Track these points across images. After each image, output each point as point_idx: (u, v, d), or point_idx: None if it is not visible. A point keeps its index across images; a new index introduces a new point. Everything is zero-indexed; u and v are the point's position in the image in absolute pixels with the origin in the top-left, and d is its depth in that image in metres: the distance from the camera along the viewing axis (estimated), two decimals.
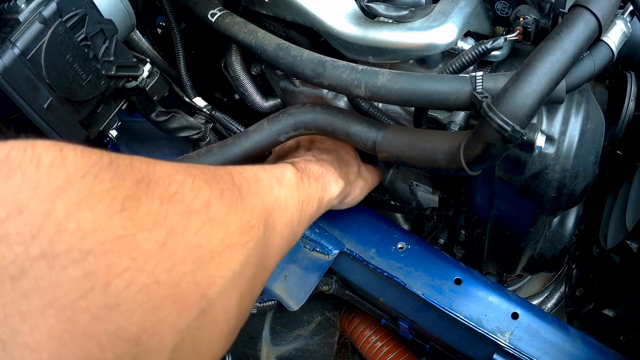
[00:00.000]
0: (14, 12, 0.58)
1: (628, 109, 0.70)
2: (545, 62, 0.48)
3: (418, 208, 0.94)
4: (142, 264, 0.31)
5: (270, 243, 0.51)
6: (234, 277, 0.40)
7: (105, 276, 0.29)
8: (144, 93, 0.74)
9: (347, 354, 1.28)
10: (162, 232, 0.34)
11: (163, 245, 0.33)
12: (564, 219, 0.82)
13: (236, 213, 0.44)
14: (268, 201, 0.53)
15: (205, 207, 0.40)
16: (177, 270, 0.34)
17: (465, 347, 0.77)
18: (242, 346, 1.08)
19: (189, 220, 0.37)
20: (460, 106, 0.53)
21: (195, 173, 0.42)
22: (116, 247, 0.30)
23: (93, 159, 0.33)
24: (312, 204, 0.63)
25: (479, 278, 0.79)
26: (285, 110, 0.69)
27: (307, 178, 0.64)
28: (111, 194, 0.32)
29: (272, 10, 0.73)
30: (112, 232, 0.30)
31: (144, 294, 0.31)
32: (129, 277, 0.30)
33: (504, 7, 0.60)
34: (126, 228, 0.31)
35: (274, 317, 1.09)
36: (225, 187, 0.45)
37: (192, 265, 0.35)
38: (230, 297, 0.40)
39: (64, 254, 0.28)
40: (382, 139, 0.61)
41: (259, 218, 0.48)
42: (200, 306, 0.36)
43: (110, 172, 0.33)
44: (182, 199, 0.38)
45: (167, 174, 0.38)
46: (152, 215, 0.34)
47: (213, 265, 0.38)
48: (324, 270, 0.82)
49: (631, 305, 0.76)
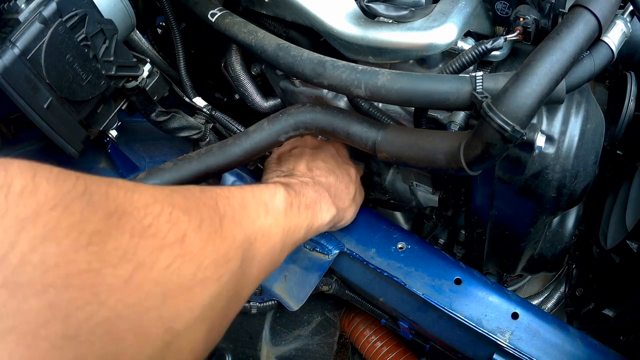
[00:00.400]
0: (14, 12, 0.58)
1: (628, 109, 0.70)
2: (545, 62, 0.48)
3: (417, 207, 0.94)
4: (104, 299, 0.32)
5: (248, 273, 0.51)
6: (204, 311, 0.41)
7: (66, 308, 0.30)
8: (144, 93, 0.74)
9: (347, 354, 1.28)
10: (129, 267, 0.34)
11: (128, 280, 0.34)
12: (564, 219, 0.82)
13: (213, 245, 0.44)
14: (251, 230, 0.52)
15: (180, 241, 0.40)
16: (141, 305, 0.34)
17: (465, 347, 0.77)
18: (242, 346, 1.08)
19: (159, 255, 0.37)
20: (460, 106, 0.53)
21: (176, 202, 0.42)
22: (78, 282, 0.31)
23: (66, 187, 0.33)
24: (299, 232, 0.63)
25: (479, 278, 0.79)
26: (285, 110, 0.69)
27: (297, 205, 0.63)
28: (79, 228, 0.32)
29: (272, 10, 0.73)
30: (76, 267, 0.31)
31: (104, 327, 0.31)
32: (90, 310, 0.31)
33: (504, 7, 0.60)
34: (90, 263, 0.32)
35: (274, 317, 1.09)
36: (206, 217, 0.45)
37: (158, 300, 0.36)
38: (197, 330, 0.40)
39: (26, 285, 0.28)
40: (382, 139, 0.61)
41: (237, 249, 0.48)
42: (165, 339, 0.36)
43: (82, 203, 0.33)
44: (155, 232, 0.38)
45: (144, 204, 0.38)
46: (120, 250, 0.34)
47: (181, 300, 0.38)
48: (324, 270, 0.82)
49: (631, 305, 0.76)
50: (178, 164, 0.64)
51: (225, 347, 1.06)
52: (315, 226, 0.68)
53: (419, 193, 0.90)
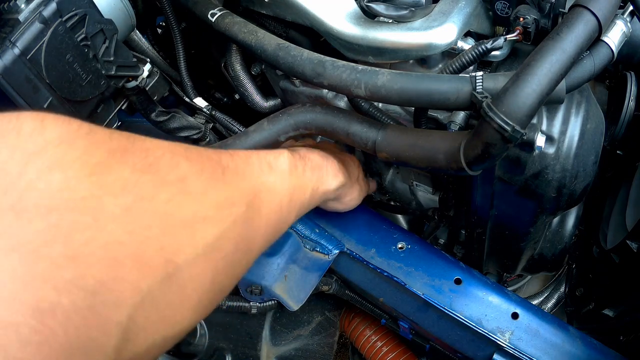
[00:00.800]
0: (14, 12, 0.58)
1: (628, 108, 0.70)
2: (545, 62, 0.48)
3: (419, 209, 0.94)
4: (104, 224, 0.33)
5: (256, 225, 0.51)
6: (207, 250, 0.41)
7: (67, 230, 0.31)
8: (144, 93, 0.74)
9: (347, 354, 1.28)
10: (129, 198, 0.35)
11: (128, 209, 0.35)
12: (564, 219, 0.82)
13: (214, 189, 0.45)
14: (255, 183, 0.53)
15: (180, 180, 0.41)
16: (141, 233, 0.35)
17: (465, 347, 0.77)
18: (242, 346, 1.08)
19: (160, 189, 0.38)
20: (460, 106, 0.53)
21: (177, 150, 0.43)
22: (80, 207, 0.32)
23: (72, 127, 0.35)
24: (304, 192, 0.63)
25: (479, 278, 0.79)
26: (285, 110, 0.69)
27: (302, 165, 0.63)
28: (83, 160, 0.34)
29: (272, 10, 0.73)
30: (78, 193, 0.33)
31: (104, 250, 0.33)
32: (90, 234, 0.32)
33: (504, 7, 0.60)
34: (92, 191, 0.33)
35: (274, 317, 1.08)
36: (207, 165, 0.46)
37: (158, 231, 0.37)
38: (201, 268, 0.41)
39: (32, 208, 0.31)
40: (382, 138, 0.61)
41: (241, 197, 0.49)
42: (166, 270, 0.37)
43: (86, 141, 0.35)
44: (156, 170, 0.39)
45: (146, 147, 0.40)
46: (121, 181, 0.36)
47: (183, 234, 0.39)
48: (324, 270, 0.82)
49: (631, 305, 0.76)
50: None
51: (225, 347, 1.06)
52: (321, 190, 0.67)
53: (419, 193, 0.90)
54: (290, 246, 0.84)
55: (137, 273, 0.35)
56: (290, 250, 0.84)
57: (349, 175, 0.75)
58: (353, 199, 0.78)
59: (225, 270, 0.45)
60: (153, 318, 0.36)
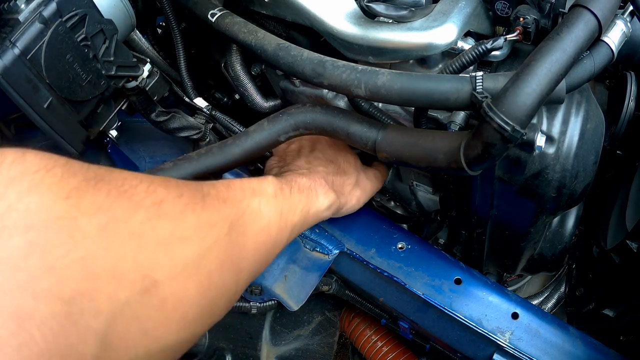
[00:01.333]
0: (14, 12, 0.58)
1: (628, 108, 0.70)
2: (545, 62, 0.48)
3: (423, 215, 0.94)
4: (80, 241, 0.35)
5: (241, 245, 0.52)
6: (188, 267, 0.42)
7: (44, 246, 0.33)
8: (144, 93, 0.74)
9: (347, 354, 1.28)
10: (103, 218, 0.37)
11: (103, 228, 0.37)
12: (564, 219, 0.82)
13: (193, 212, 0.46)
14: (237, 207, 0.53)
15: (156, 204, 0.42)
16: (116, 250, 0.37)
17: (465, 347, 0.77)
18: (242, 346, 1.08)
19: (134, 212, 0.40)
20: (460, 106, 0.53)
21: (155, 180, 0.44)
22: (56, 225, 0.34)
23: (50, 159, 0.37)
24: (294, 214, 0.64)
25: (479, 278, 0.79)
26: (285, 110, 0.69)
27: (288, 189, 0.64)
28: (60, 184, 0.36)
29: (272, 10, 0.73)
30: (55, 214, 0.35)
31: (79, 264, 0.34)
32: (65, 249, 0.34)
33: (504, 7, 0.60)
34: (68, 212, 0.35)
35: (274, 317, 1.08)
36: (186, 191, 0.47)
37: (134, 249, 0.38)
38: (183, 285, 0.42)
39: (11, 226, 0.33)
40: (382, 138, 0.61)
41: (223, 219, 0.50)
42: (143, 284, 0.38)
43: (64, 169, 0.37)
44: (131, 195, 0.40)
45: (123, 177, 0.41)
46: (96, 204, 0.37)
47: (160, 253, 0.40)
48: (324, 270, 0.82)
49: (631, 305, 0.76)
50: (178, 164, 0.64)
51: (225, 347, 1.06)
52: (312, 211, 0.67)
53: (419, 193, 0.90)
54: (290, 246, 0.84)
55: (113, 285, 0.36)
56: (290, 250, 0.84)
57: (344, 187, 0.75)
58: (352, 206, 0.78)
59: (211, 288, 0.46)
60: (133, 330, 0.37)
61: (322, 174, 0.73)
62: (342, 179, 0.76)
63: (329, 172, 0.74)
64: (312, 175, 0.71)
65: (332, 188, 0.72)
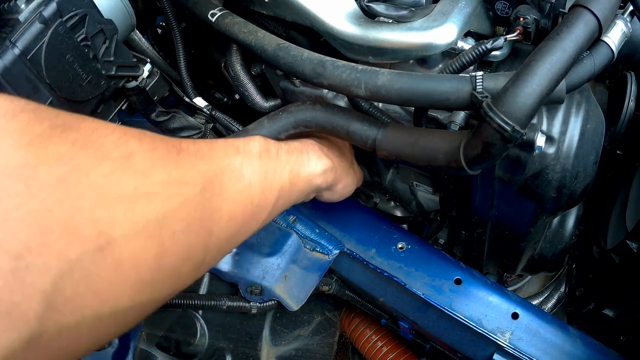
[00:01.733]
0: (14, 12, 0.58)
1: (628, 108, 0.70)
2: (546, 62, 0.48)
3: (423, 215, 0.94)
4: (36, 192, 0.33)
5: (215, 207, 0.48)
6: (149, 226, 0.40)
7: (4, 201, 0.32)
8: (144, 93, 0.74)
9: (347, 354, 1.28)
10: (64, 169, 0.35)
11: (62, 179, 0.35)
12: (564, 219, 0.82)
13: (164, 167, 0.43)
14: (217, 165, 0.50)
15: (124, 157, 0.40)
16: (72, 203, 0.35)
17: (466, 347, 0.77)
18: (242, 346, 1.08)
19: (99, 163, 0.38)
20: (460, 106, 0.53)
21: (130, 131, 0.42)
22: (14, 173, 0.33)
23: (19, 103, 0.36)
24: (280, 176, 0.59)
25: (479, 278, 0.79)
26: (285, 108, 0.69)
27: (275, 150, 0.60)
28: (23, 130, 0.35)
29: (272, 10, 0.73)
30: (13, 161, 0.33)
31: (32, 217, 0.33)
32: (19, 200, 0.32)
33: (504, 7, 0.60)
34: (28, 159, 0.34)
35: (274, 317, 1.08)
36: (161, 145, 0.44)
37: (92, 203, 0.36)
38: (142, 244, 0.39)
39: None
40: (382, 137, 0.61)
41: (196, 177, 0.46)
42: (97, 242, 0.36)
43: (31, 115, 0.36)
44: (98, 146, 0.38)
45: (93, 126, 0.39)
46: (59, 153, 0.36)
47: (120, 209, 0.38)
48: (324, 270, 0.82)
49: (631, 305, 0.76)
50: None
51: (225, 347, 1.06)
52: (302, 174, 0.63)
53: (419, 193, 0.90)
54: (291, 246, 0.84)
55: (65, 241, 0.34)
56: (291, 250, 0.84)
57: (340, 158, 0.71)
58: (347, 185, 0.73)
59: (175, 250, 0.43)
60: (82, 289, 0.35)
61: (317, 142, 0.69)
62: (339, 153, 0.72)
63: (324, 144, 0.70)
64: (304, 141, 0.67)
65: (327, 154, 0.68)
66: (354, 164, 0.78)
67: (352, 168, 0.75)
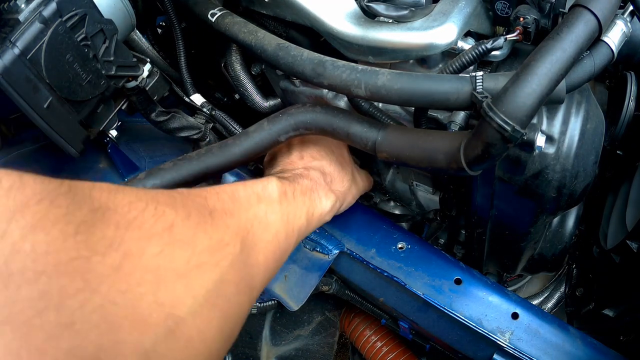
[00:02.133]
0: (14, 12, 0.58)
1: (628, 109, 0.70)
2: (546, 62, 0.48)
3: (422, 214, 0.94)
4: (96, 286, 0.32)
5: (253, 261, 0.50)
6: (209, 296, 0.40)
7: (59, 296, 0.30)
8: (144, 93, 0.74)
9: (347, 354, 1.29)
10: (117, 256, 0.34)
11: (118, 268, 0.34)
12: (564, 219, 0.82)
13: (205, 233, 0.43)
14: (245, 219, 0.52)
15: (168, 230, 0.39)
16: (134, 291, 0.34)
17: (466, 347, 0.77)
18: (242, 346, 1.08)
19: (147, 243, 0.37)
20: (460, 106, 0.53)
21: (161, 199, 0.42)
22: (69, 269, 0.31)
23: (51, 185, 0.34)
24: (299, 218, 0.62)
25: (479, 278, 0.79)
26: (285, 110, 0.69)
27: (292, 192, 0.63)
28: (66, 219, 0.32)
29: (272, 10, 0.73)
30: (66, 255, 0.31)
31: (99, 314, 0.31)
32: (82, 298, 0.31)
33: (504, 7, 0.60)
34: (79, 251, 0.32)
35: (274, 317, 1.09)
36: (193, 210, 0.45)
37: (152, 286, 0.35)
38: (206, 317, 0.40)
39: (18, 273, 0.29)
40: (382, 139, 0.61)
41: (234, 236, 0.48)
42: (167, 326, 0.36)
43: (67, 199, 0.34)
44: (140, 224, 0.38)
45: (128, 202, 0.38)
46: (107, 239, 0.34)
47: (179, 286, 0.38)
48: (324, 270, 0.82)
49: (631, 305, 0.76)
50: (178, 164, 0.64)
51: None
52: (316, 214, 0.66)
53: (419, 193, 0.90)
54: None
55: (136, 333, 0.33)
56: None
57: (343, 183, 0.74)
58: (348, 203, 0.77)
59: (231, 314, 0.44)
60: None
61: (319, 172, 0.71)
62: (340, 176, 0.75)
63: (325, 169, 0.73)
64: (311, 176, 0.70)
65: (331, 187, 0.72)
66: (355, 174, 0.79)
67: (353, 184, 0.77)
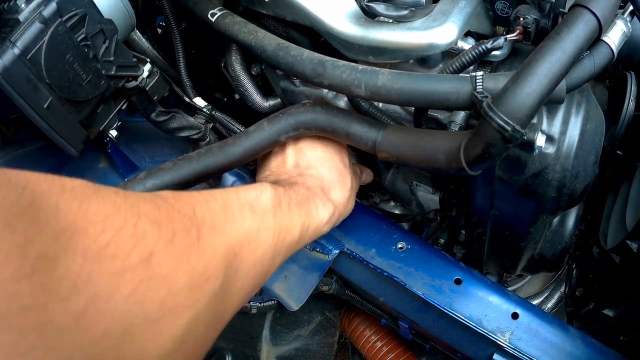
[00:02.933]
0: (14, 12, 0.58)
1: (628, 109, 0.70)
2: (546, 62, 0.48)
3: (422, 214, 0.94)
4: (53, 342, 0.27)
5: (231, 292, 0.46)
6: (175, 345, 0.36)
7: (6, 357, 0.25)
8: (144, 93, 0.74)
9: (347, 354, 1.29)
10: (81, 300, 0.29)
11: (81, 316, 0.29)
12: (564, 219, 0.82)
13: (188, 264, 0.39)
14: (235, 238, 0.47)
15: (145, 261, 0.35)
16: (97, 345, 0.30)
17: (466, 347, 0.77)
18: (242, 346, 1.08)
19: (119, 280, 0.32)
20: (460, 106, 0.53)
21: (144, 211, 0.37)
22: (21, 323, 0.26)
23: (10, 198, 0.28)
24: (292, 233, 0.57)
25: (479, 278, 0.79)
26: (285, 110, 0.68)
27: (287, 202, 0.58)
28: (22, 252, 0.27)
29: (272, 10, 0.73)
30: (18, 303, 0.26)
31: None
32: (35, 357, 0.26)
33: (504, 7, 0.60)
34: (35, 297, 0.27)
35: (274, 317, 1.09)
36: (179, 228, 0.40)
37: (117, 338, 0.31)
38: None
39: None
40: (382, 139, 0.61)
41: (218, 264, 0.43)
42: None
43: (27, 220, 0.28)
44: (114, 252, 0.32)
45: (103, 217, 0.33)
46: (71, 277, 0.29)
47: (147, 336, 0.34)
48: (324, 270, 0.82)
49: (631, 305, 0.76)
50: (178, 164, 0.64)
51: (225, 347, 1.07)
52: (312, 227, 0.61)
53: (419, 193, 0.90)
54: None
55: None
56: None
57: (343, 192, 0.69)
58: (348, 212, 0.72)
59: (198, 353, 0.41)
60: None
61: (318, 181, 0.67)
62: (338, 185, 0.69)
63: (324, 178, 0.68)
64: (308, 184, 0.65)
65: (329, 197, 0.66)
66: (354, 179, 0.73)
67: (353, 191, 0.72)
